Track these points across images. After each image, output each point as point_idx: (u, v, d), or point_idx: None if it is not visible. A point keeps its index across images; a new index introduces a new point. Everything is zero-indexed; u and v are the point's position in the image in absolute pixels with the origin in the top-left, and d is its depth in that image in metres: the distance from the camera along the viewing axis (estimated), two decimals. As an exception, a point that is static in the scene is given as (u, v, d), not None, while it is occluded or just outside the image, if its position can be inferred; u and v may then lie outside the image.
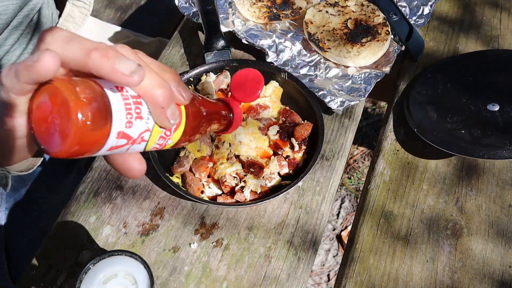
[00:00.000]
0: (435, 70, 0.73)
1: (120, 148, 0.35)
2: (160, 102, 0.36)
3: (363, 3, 0.78)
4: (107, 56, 0.34)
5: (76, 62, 0.35)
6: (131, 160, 0.39)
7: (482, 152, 0.61)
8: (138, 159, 0.39)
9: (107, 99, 0.33)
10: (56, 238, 0.59)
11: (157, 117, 0.37)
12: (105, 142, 0.33)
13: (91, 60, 0.34)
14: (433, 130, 0.65)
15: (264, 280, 0.56)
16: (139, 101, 0.36)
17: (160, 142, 0.39)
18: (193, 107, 0.41)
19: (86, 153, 0.33)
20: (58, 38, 0.34)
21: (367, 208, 0.63)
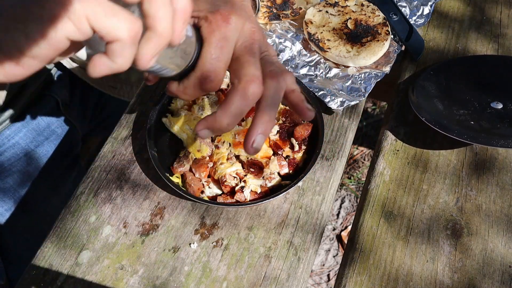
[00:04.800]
0: (437, 69, 0.73)
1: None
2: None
3: (363, 3, 0.78)
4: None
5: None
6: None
7: (496, 141, 0.60)
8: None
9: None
10: (56, 238, 0.59)
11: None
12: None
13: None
14: (442, 119, 0.64)
15: (264, 280, 0.56)
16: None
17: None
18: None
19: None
20: None
21: (367, 208, 0.63)
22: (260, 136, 0.44)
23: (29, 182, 0.80)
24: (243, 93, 0.43)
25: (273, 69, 0.46)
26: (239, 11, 0.48)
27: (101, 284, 0.56)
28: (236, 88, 0.44)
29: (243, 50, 0.46)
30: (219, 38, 0.45)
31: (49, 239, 0.59)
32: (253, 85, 0.44)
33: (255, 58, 0.46)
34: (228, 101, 0.44)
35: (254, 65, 0.45)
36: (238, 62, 0.46)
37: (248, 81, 0.44)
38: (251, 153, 0.45)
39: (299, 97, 0.48)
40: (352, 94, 0.69)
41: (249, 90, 0.43)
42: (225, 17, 0.46)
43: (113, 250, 0.58)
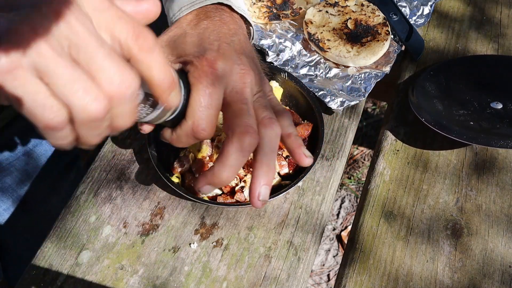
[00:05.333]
0: (437, 69, 0.73)
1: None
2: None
3: (363, 3, 0.78)
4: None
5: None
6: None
7: (495, 141, 0.60)
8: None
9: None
10: (56, 238, 0.59)
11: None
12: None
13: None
14: (442, 119, 0.64)
15: (264, 280, 0.56)
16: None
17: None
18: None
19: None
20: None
21: (367, 208, 0.63)
22: (264, 187, 0.43)
23: (28, 181, 0.80)
24: (239, 146, 0.42)
25: (266, 115, 0.45)
26: (227, 53, 0.47)
27: (101, 284, 0.56)
28: (231, 140, 0.42)
29: (234, 96, 0.45)
30: (207, 84, 0.44)
31: (49, 239, 0.59)
32: (248, 136, 0.42)
33: (247, 105, 0.45)
34: (224, 154, 0.42)
35: (246, 114, 0.44)
36: (230, 110, 0.45)
37: (243, 133, 0.42)
38: (260, 206, 0.44)
39: (296, 143, 0.47)
40: (352, 94, 0.69)
41: (244, 142, 0.42)
42: (211, 63, 0.45)
43: (113, 250, 0.58)
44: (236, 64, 0.47)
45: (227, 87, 0.45)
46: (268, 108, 0.46)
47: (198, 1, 0.52)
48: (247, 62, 0.48)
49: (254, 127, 0.43)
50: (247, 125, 0.43)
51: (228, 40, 0.49)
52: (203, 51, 0.46)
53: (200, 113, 0.43)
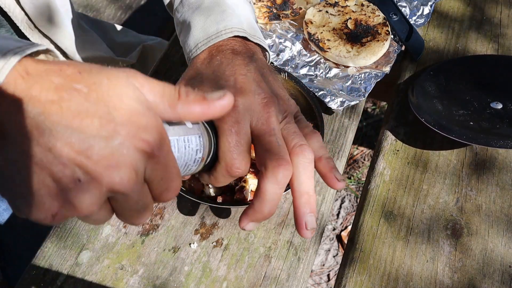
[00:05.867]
0: (437, 69, 0.73)
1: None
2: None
3: (363, 3, 0.78)
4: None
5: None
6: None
7: (495, 141, 0.60)
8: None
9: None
10: (56, 238, 0.59)
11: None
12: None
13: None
14: (442, 120, 0.64)
15: (264, 280, 0.56)
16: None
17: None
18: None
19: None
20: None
21: (367, 208, 0.63)
22: (309, 216, 0.42)
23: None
24: (274, 180, 0.42)
25: (296, 143, 0.44)
26: (244, 86, 0.46)
27: (101, 284, 0.56)
28: (266, 176, 0.42)
29: (260, 129, 0.45)
30: (231, 124, 0.43)
31: (49, 239, 0.59)
32: (281, 169, 0.42)
33: (275, 136, 0.44)
34: (261, 190, 0.42)
35: (276, 146, 0.43)
36: (260, 144, 0.44)
37: (276, 167, 0.42)
38: (309, 236, 0.43)
39: (327, 167, 0.45)
40: (352, 94, 0.69)
41: (278, 176, 0.41)
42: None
43: (113, 250, 0.58)
44: (256, 95, 0.46)
45: (252, 120, 0.45)
46: (297, 134, 0.45)
47: (214, 36, 0.51)
48: (267, 89, 0.47)
49: (286, 157, 0.43)
50: (279, 158, 0.42)
51: (244, 71, 0.48)
52: (220, 89, 0.45)
53: (230, 153, 0.43)
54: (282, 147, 0.43)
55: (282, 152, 0.43)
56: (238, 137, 0.43)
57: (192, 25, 0.54)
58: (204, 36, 0.52)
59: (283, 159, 0.42)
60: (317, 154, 0.46)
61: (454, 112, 0.67)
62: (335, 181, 0.45)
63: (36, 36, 0.67)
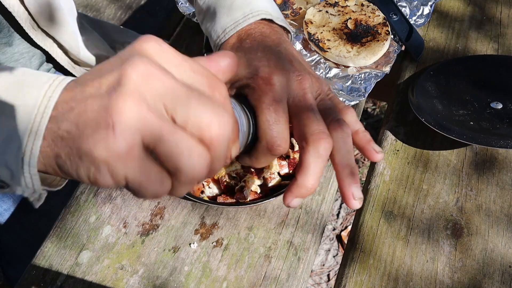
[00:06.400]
0: (437, 69, 0.73)
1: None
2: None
3: (363, 3, 0.78)
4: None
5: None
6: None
7: (495, 141, 0.60)
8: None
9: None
10: (56, 238, 0.59)
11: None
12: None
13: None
14: (442, 120, 0.64)
15: (264, 280, 0.56)
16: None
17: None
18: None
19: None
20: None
21: (367, 208, 0.63)
22: (354, 187, 0.43)
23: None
24: (316, 154, 0.42)
25: (333, 117, 0.45)
26: (278, 65, 0.46)
27: (101, 284, 0.56)
28: (307, 150, 0.42)
29: (297, 105, 0.45)
30: (269, 102, 0.44)
31: (49, 239, 0.59)
32: (322, 142, 0.42)
33: (313, 111, 0.44)
34: (304, 165, 0.42)
35: (315, 120, 0.44)
36: (298, 120, 0.45)
37: (316, 140, 0.42)
38: (358, 206, 0.43)
39: (364, 139, 0.46)
40: (352, 94, 0.69)
41: (319, 149, 0.42)
42: (267, 80, 0.45)
43: (113, 250, 0.58)
44: (291, 72, 0.46)
45: (289, 97, 0.45)
46: (333, 110, 0.46)
47: (241, 20, 0.52)
48: (300, 67, 0.48)
49: (325, 131, 0.43)
50: (319, 132, 0.43)
51: (275, 51, 0.48)
52: (254, 70, 0.46)
53: (271, 131, 0.44)
54: (321, 121, 0.44)
55: (321, 126, 0.43)
56: (276, 115, 0.44)
57: (218, 11, 0.54)
58: (232, 21, 0.52)
59: (323, 133, 0.43)
60: (353, 128, 0.46)
61: (454, 112, 0.67)
62: (374, 153, 0.45)
63: (39, 36, 0.67)
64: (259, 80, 0.45)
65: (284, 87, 0.45)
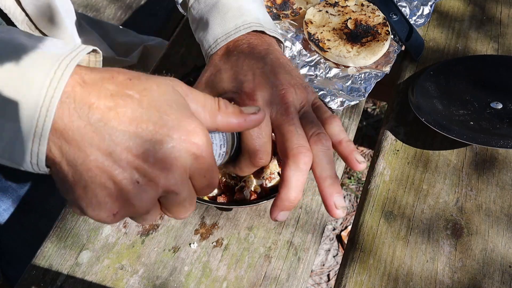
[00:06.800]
0: (437, 69, 0.73)
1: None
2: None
3: (363, 3, 0.78)
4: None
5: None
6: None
7: (495, 141, 0.60)
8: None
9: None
10: (56, 238, 0.59)
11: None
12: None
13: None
14: (442, 120, 0.64)
15: (264, 280, 0.56)
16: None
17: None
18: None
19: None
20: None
21: (367, 208, 0.63)
22: (336, 196, 0.44)
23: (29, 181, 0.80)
24: (296, 167, 0.44)
25: (314, 131, 0.46)
26: (262, 80, 0.47)
27: (101, 284, 0.56)
28: (288, 164, 0.44)
29: (279, 119, 0.46)
30: None
31: (49, 239, 0.59)
32: (302, 156, 0.44)
33: (294, 125, 0.46)
34: (285, 178, 0.44)
35: (295, 135, 0.45)
36: (280, 134, 0.46)
37: (296, 155, 0.44)
38: (342, 215, 0.45)
39: (347, 149, 0.47)
40: (352, 94, 0.69)
41: (300, 164, 0.44)
42: (250, 96, 0.47)
43: (113, 250, 0.58)
44: (274, 87, 0.47)
45: (271, 112, 0.47)
46: (315, 123, 0.47)
47: (232, 32, 0.52)
48: (285, 80, 0.49)
49: (306, 145, 0.45)
50: (299, 146, 0.44)
51: (261, 65, 0.49)
52: (239, 84, 0.48)
53: (253, 145, 0.46)
54: (302, 136, 0.45)
55: (301, 140, 0.45)
56: (259, 130, 0.46)
57: (210, 21, 0.55)
58: (223, 32, 0.53)
59: (303, 147, 0.44)
60: (338, 138, 0.48)
61: (454, 112, 0.67)
62: (356, 163, 0.46)
63: None
64: (243, 96, 0.47)
65: (267, 102, 0.47)
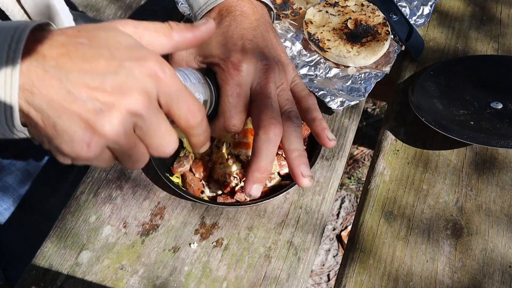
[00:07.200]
0: (437, 69, 0.73)
1: None
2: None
3: (363, 3, 0.78)
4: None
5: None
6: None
7: (495, 141, 0.60)
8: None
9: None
10: (56, 238, 0.59)
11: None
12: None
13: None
14: (442, 119, 0.64)
15: (264, 280, 0.56)
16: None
17: None
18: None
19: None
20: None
21: (367, 208, 0.63)
22: (303, 167, 0.46)
23: (29, 181, 0.80)
24: (266, 138, 0.46)
25: (287, 109, 0.49)
26: (250, 52, 0.49)
27: (101, 284, 0.56)
28: (259, 135, 0.46)
29: (258, 92, 0.49)
30: (233, 85, 0.48)
31: (49, 239, 0.59)
32: (272, 127, 0.46)
33: (271, 99, 0.48)
34: (256, 149, 0.46)
35: (270, 108, 0.47)
36: (256, 105, 0.48)
37: (267, 126, 0.46)
38: (308, 184, 0.47)
39: (320, 127, 0.50)
40: (352, 94, 0.69)
41: (270, 134, 0.46)
42: (236, 66, 0.48)
43: (113, 250, 0.58)
44: (259, 61, 0.50)
45: (252, 83, 0.49)
46: (289, 100, 0.50)
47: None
48: (270, 56, 0.51)
49: (278, 118, 0.47)
50: (271, 118, 0.46)
51: (251, 36, 0.51)
52: (228, 52, 0.49)
53: (229, 112, 0.48)
54: (276, 110, 0.48)
55: (274, 113, 0.47)
56: (238, 99, 0.48)
57: None
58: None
59: (275, 119, 0.47)
60: (312, 115, 0.51)
61: (454, 111, 0.67)
62: (327, 140, 0.49)
63: None
64: (229, 64, 0.49)
65: (250, 75, 0.49)
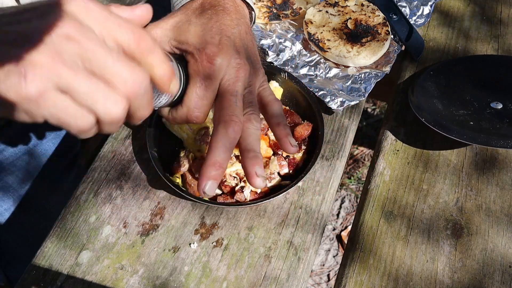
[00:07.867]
0: (437, 69, 0.73)
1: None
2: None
3: (363, 3, 0.78)
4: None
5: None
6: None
7: (495, 141, 0.60)
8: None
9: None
10: (56, 238, 0.59)
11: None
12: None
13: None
14: (442, 119, 0.64)
15: (264, 280, 0.56)
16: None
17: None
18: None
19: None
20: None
21: (367, 208, 0.63)
22: (258, 167, 0.47)
23: (29, 181, 0.80)
24: (225, 133, 0.46)
25: (249, 110, 0.49)
26: (226, 48, 0.49)
27: (101, 284, 0.56)
28: (217, 130, 0.47)
29: (226, 88, 0.49)
30: (204, 77, 0.48)
31: (49, 239, 0.59)
32: (232, 124, 0.46)
33: (236, 97, 0.49)
34: (212, 143, 0.46)
35: (233, 105, 0.48)
36: (221, 101, 0.49)
37: (227, 121, 0.46)
38: (261, 184, 0.47)
39: (283, 132, 0.51)
40: (352, 94, 0.69)
41: (229, 130, 0.46)
42: (210, 58, 0.48)
43: (113, 250, 0.58)
44: (233, 58, 0.50)
45: (222, 79, 0.49)
46: (253, 103, 0.50)
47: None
48: (244, 56, 0.51)
49: (239, 117, 0.47)
50: (232, 115, 0.47)
51: (229, 33, 0.51)
52: (204, 43, 0.49)
53: (194, 103, 0.48)
54: (239, 108, 0.48)
55: (237, 111, 0.48)
56: (205, 91, 0.48)
57: None
58: None
59: (236, 117, 0.47)
60: (276, 120, 0.51)
61: (454, 112, 0.67)
62: (289, 145, 0.50)
63: None
64: (203, 55, 0.48)
65: (222, 70, 0.49)
